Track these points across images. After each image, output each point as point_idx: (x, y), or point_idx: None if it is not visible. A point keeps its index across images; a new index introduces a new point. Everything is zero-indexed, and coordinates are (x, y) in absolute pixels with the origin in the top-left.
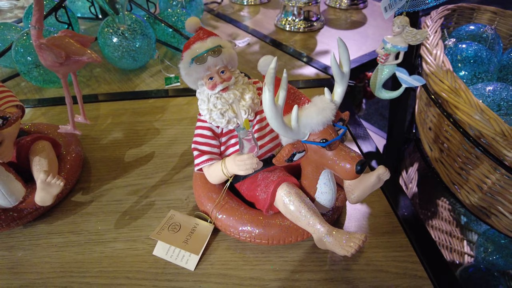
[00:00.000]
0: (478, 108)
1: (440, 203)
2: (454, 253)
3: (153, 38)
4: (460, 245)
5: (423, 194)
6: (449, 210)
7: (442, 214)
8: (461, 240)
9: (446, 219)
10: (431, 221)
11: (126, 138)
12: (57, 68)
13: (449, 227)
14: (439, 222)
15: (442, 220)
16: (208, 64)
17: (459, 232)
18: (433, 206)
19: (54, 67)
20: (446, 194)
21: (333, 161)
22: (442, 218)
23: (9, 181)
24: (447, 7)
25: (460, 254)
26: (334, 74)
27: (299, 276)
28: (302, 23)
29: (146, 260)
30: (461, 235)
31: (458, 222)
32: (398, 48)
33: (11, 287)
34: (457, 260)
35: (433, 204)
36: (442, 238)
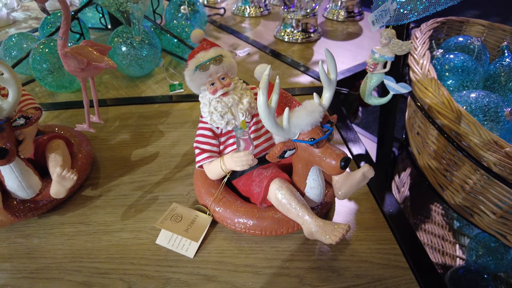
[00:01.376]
0: (458, 113)
1: (433, 207)
2: (446, 257)
3: (159, 47)
4: (453, 248)
5: (416, 198)
6: (442, 215)
7: (435, 219)
8: (454, 244)
9: (439, 223)
10: (424, 225)
11: (133, 139)
12: (79, 73)
13: (442, 231)
14: (432, 226)
15: (435, 224)
16: (210, 71)
17: (451, 236)
18: (426, 210)
19: (76, 72)
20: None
21: (320, 158)
22: (435, 222)
23: (28, 175)
24: (436, 20)
25: (452, 258)
26: (322, 80)
27: (289, 264)
28: (300, 35)
29: (149, 248)
30: (453, 239)
31: (451, 226)
32: (385, 58)
33: (28, 269)
34: (449, 263)
35: (426, 209)
36: (435, 242)
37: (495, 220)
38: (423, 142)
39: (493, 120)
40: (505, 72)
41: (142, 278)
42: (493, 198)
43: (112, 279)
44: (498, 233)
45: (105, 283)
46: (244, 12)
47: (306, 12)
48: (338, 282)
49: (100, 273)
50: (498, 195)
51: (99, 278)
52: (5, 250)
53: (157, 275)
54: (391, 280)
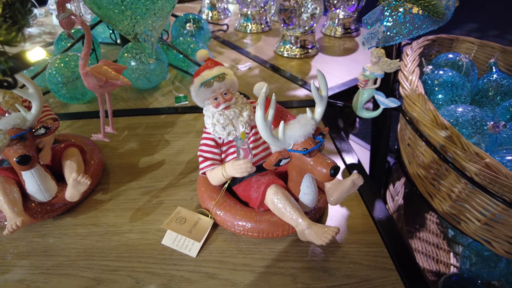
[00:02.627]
0: (443, 126)
1: (428, 216)
2: (441, 264)
3: (165, 62)
4: (447, 256)
5: (411, 207)
6: (436, 224)
7: (430, 227)
8: (448, 252)
9: (434, 231)
10: (419, 233)
11: (140, 148)
12: (97, 90)
13: (436, 239)
14: (427, 234)
15: (429, 232)
16: (214, 87)
17: (445, 245)
18: (421, 219)
19: (95, 88)
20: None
21: (312, 166)
22: (430, 230)
23: (46, 180)
24: (427, 37)
25: (446, 265)
26: (314, 97)
27: (284, 264)
28: (299, 50)
29: (155, 248)
30: (447, 247)
31: (445, 234)
32: (375, 75)
33: (44, 266)
34: (443, 271)
35: (420, 217)
36: (429, 250)
37: (480, 227)
38: (413, 153)
39: (479, 133)
40: (493, 87)
41: (149, 275)
42: (477, 206)
43: (121, 276)
44: (484, 239)
45: (114, 279)
46: (246, 29)
47: (304, 29)
48: (329, 281)
49: (110, 270)
50: (482, 203)
51: (109, 275)
52: (23, 248)
53: (163, 272)
54: (378, 280)
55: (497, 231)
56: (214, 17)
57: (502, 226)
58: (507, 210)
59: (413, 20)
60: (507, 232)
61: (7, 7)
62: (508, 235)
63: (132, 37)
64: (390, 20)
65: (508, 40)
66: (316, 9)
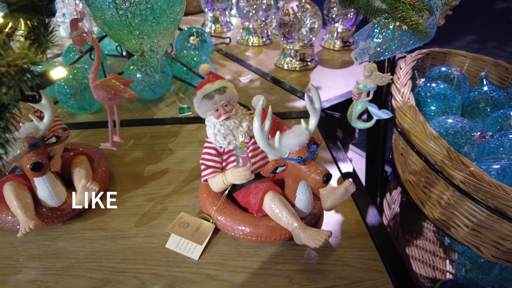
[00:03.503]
0: (431, 136)
1: (425, 224)
2: (437, 271)
3: (170, 74)
4: (443, 263)
5: (408, 215)
6: (433, 232)
7: (427, 235)
8: (444, 259)
9: (430, 239)
10: (416, 240)
11: (145, 156)
12: (106, 102)
13: (433, 246)
14: (423, 242)
15: (426, 240)
16: (215, 100)
17: (442, 252)
18: (418, 227)
19: (104, 101)
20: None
21: (306, 174)
22: (426, 238)
23: (57, 186)
24: (421, 51)
25: (442, 272)
26: (308, 109)
27: (281, 266)
28: (298, 63)
29: (160, 251)
30: (444, 255)
31: (442, 242)
32: (368, 88)
33: (54, 267)
34: (439, 278)
35: (417, 225)
36: (426, 257)
37: (468, 233)
38: (406, 162)
39: (469, 143)
40: (483, 99)
41: (154, 276)
42: (465, 212)
43: (127, 277)
44: (472, 244)
45: (121, 280)
46: (248, 42)
47: (304, 43)
48: (323, 282)
49: (117, 271)
50: (469, 210)
51: (116, 276)
52: (35, 251)
53: (167, 274)
54: (370, 282)
55: (484, 236)
56: (217, 30)
57: (489, 231)
58: (491, 216)
59: (401, 37)
60: (493, 237)
61: (32, 30)
62: (495, 240)
63: (139, 54)
64: (380, 37)
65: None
66: (315, 23)
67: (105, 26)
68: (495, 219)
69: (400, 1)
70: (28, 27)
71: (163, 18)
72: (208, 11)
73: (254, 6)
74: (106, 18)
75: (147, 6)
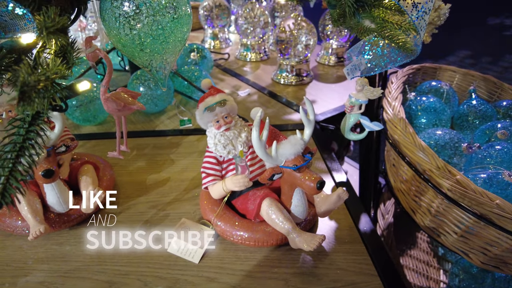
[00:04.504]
0: (420, 147)
1: (419, 235)
2: (431, 281)
3: (171, 88)
4: (437, 273)
5: (403, 226)
6: (427, 242)
7: (421, 245)
8: (438, 269)
9: (424, 249)
10: (410, 250)
11: (148, 166)
12: (116, 113)
13: (427, 257)
14: (418, 252)
15: (420, 250)
16: (216, 112)
17: (436, 262)
18: (412, 238)
19: (114, 112)
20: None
21: (301, 181)
22: (421, 248)
23: (65, 192)
24: (412, 66)
25: (436, 282)
26: (303, 121)
27: (277, 270)
28: (294, 78)
29: (162, 255)
30: (438, 265)
31: (436, 253)
32: (360, 101)
33: (61, 270)
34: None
35: (412, 237)
36: (420, 267)
37: (457, 239)
38: (397, 172)
39: (458, 154)
40: (472, 112)
41: (156, 279)
42: (453, 219)
43: (131, 279)
44: (461, 251)
45: (125, 282)
46: (246, 57)
47: (299, 59)
48: (317, 285)
49: (121, 274)
50: (457, 217)
51: (120, 278)
52: (43, 255)
53: (169, 276)
54: (362, 284)
55: (472, 242)
56: (216, 46)
57: (476, 237)
58: (478, 223)
59: (390, 54)
60: (481, 243)
61: (61, 49)
62: (482, 246)
63: (149, 69)
64: (370, 54)
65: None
66: (310, 40)
67: (119, 44)
68: (482, 226)
69: (388, 21)
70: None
71: (171, 37)
72: (207, 28)
73: (252, 24)
74: (120, 36)
75: (158, 27)
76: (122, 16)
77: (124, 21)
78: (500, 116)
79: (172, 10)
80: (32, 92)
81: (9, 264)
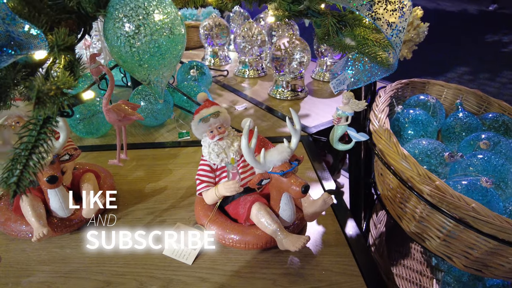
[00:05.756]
0: (403, 155)
1: (413, 245)
2: None
3: (171, 103)
4: (430, 283)
5: (397, 236)
6: (421, 252)
7: (414, 256)
8: (431, 279)
9: (418, 259)
10: (403, 260)
11: (146, 175)
12: (116, 123)
13: (420, 266)
14: (411, 262)
15: (413, 260)
16: (210, 122)
17: (429, 272)
18: (406, 247)
19: (115, 122)
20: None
21: (287, 185)
22: (414, 258)
23: (67, 198)
24: (401, 81)
25: None
26: (290, 130)
27: (266, 270)
28: (289, 93)
29: (158, 257)
30: (431, 274)
31: (429, 262)
32: (346, 113)
33: (62, 271)
34: None
35: (405, 246)
36: (413, 276)
37: (440, 244)
38: (384, 180)
39: (442, 163)
40: (458, 124)
41: (151, 279)
42: (435, 224)
43: (127, 279)
44: (445, 255)
45: (122, 282)
46: (244, 74)
47: (294, 75)
48: (303, 284)
49: (118, 274)
50: (438, 222)
51: (117, 278)
52: (45, 257)
53: (163, 276)
54: (345, 284)
55: (454, 246)
56: (216, 63)
57: (458, 241)
58: (458, 226)
59: (370, 69)
60: (462, 247)
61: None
62: (464, 249)
63: (147, 83)
64: (353, 69)
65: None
66: (304, 58)
67: (120, 60)
68: (461, 229)
69: (368, 39)
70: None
71: (167, 54)
72: (207, 46)
73: (249, 42)
74: (121, 53)
75: (155, 45)
76: (123, 35)
77: (125, 40)
78: (485, 128)
79: (168, 30)
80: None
81: (13, 265)
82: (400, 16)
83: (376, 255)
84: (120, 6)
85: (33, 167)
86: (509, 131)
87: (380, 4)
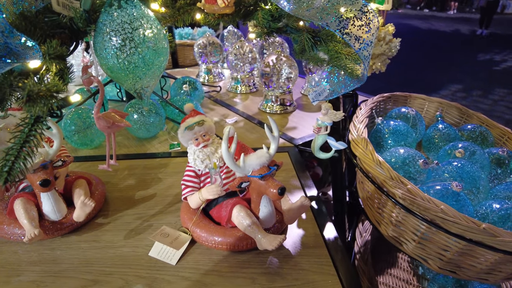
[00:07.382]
0: (377, 162)
1: (400, 255)
2: None
3: (163, 116)
4: None
5: (383, 245)
6: (408, 262)
7: (401, 265)
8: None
9: (405, 269)
10: (389, 269)
11: (137, 183)
12: (106, 130)
13: (407, 275)
14: (398, 271)
15: (400, 269)
16: (195, 130)
17: (416, 281)
18: (392, 257)
19: (104, 129)
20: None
21: (265, 188)
22: (401, 268)
23: (59, 202)
24: (382, 95)
25: None
26: (269, 137)
27: (246, 270)
28: (279, 107)
29: (144, 258)
30: (417, 283)
31: (415, 272)
32: (325, 123)
33: (52, 271)
34: None
35: (392, 255)
36: (400, 285)
37: (416, 246)
38: (363, 187)
39: (418, 170)
40: (438, 134)
41: (136, 278)
42: (410, 227)
43: (114, 278)
44: (421, 257)
45: (108, 280)
46: (237, 90)
47: (283, 90)
48: (281, 283)
49: (105, 274)
50: (412, 225)
51: (104, 277)
52: (36, 258)
53: (148, 276)
54: (321, 282)
55: (428, 248)
56: (210, 80)
57: (431, 243)
58: (430, 228)
59: (344, 81)
60: (436, 248)
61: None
62: (437, 251)
63: (133, 91)
64: (328, 81)
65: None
66: (291, 73)
67: (108, 70)
68: (433, 231)
69: (340, 53)
70: (57, 69)
71: (151, 65)
72: (201, 63)
73: (241, 60)
74: (109, 64)
75: (139, 57)
76: (110, 48)
77: (112, 52)
78: (464, 138)
79: (151, 43)
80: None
81: (4, 266)
82: (367, 31)
83: (360, 262)
84: (108, 22)
85: (23, 159)
86: (485, 141)
87: (349, 20)
